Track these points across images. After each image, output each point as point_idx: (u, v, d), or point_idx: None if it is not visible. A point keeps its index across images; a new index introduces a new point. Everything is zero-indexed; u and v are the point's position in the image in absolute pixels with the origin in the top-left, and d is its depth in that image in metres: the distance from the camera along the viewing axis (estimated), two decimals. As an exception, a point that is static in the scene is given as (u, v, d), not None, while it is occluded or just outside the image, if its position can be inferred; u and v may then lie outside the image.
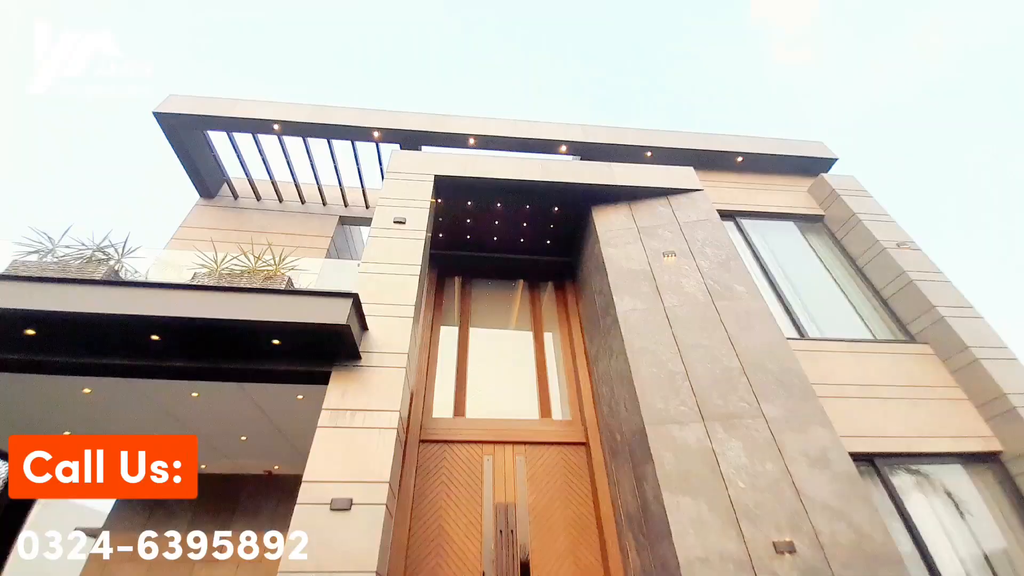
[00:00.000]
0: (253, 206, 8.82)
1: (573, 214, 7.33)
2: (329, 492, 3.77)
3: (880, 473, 4.82)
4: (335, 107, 8.08)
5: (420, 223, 6.09)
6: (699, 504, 4.03)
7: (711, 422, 4.55)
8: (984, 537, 4.68)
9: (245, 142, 8.20)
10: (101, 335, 4.32)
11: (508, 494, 5.50)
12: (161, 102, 7.54)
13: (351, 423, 4.20)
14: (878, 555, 3.75)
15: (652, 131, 8.67)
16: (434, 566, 4.95)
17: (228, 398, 5.40)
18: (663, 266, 6.04)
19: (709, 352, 5.09)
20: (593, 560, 5.16)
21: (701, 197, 6.95)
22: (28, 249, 4.64)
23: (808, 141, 8.85)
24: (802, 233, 7.70)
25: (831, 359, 5.67)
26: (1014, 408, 5.03)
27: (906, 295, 6.34)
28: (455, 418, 6.23)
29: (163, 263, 5.45)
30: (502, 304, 8.03)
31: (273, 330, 4.29)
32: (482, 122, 8.28)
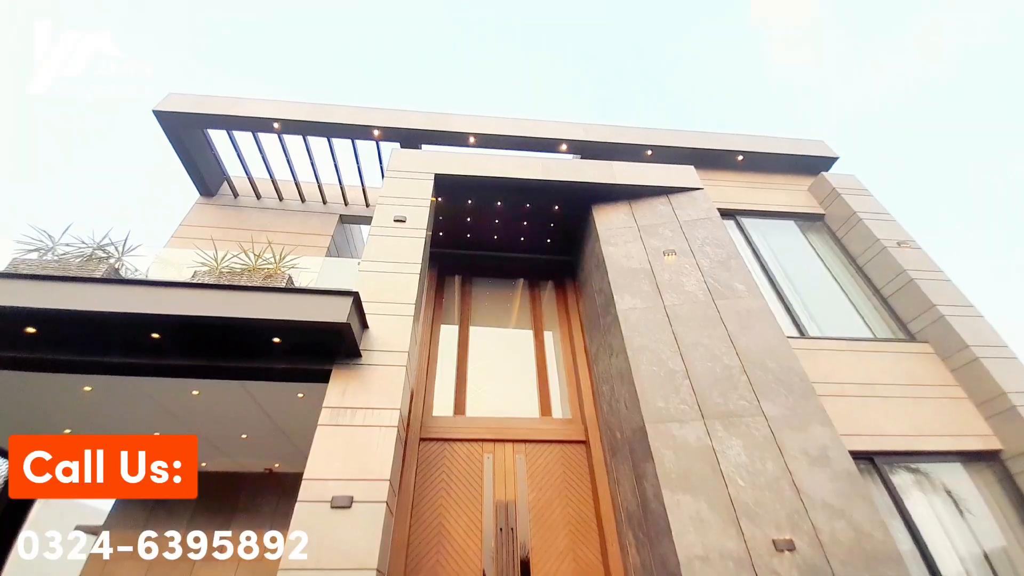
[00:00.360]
0: (253, 204, 8.81)
1: (573, 213, 7.33)
2: (330, 490, 3.77)
3: (880, 472, 4.82)
4: (335, 105, 8.08)
5: (420, 222, 6.09)
6: (699, 502, 4.03)
7: (711, 420, 4.55)
8: (984, 535, 4.68)
9: (245, 140, 8.19)
10: (101, 333, 4.32)
11: (508, 492, 5.51)
12: (161, 100, 7.53)
13: (352, 421, 4.20)
14: (878, 553, 3.75)
15: (653, 130, 8.66)
16: (434, 563, 4.95)
17: (229, 396, 5.40)
18: (663, 265, 6.04)
19: (709, 351, 5.09)
20: (593, 558, 5.16)
21: (701, 196, 6.95)
22: (28, 247, 4.64)
23: (809, 140, 8.85)
24: (802, 232, 7.70)
25: (831, 358, 5.67)
26: (1014, 407, 5.03)
27: (906, 294, 6.34)
28: (455, 416, 6.24)
29: (163, 261, 5.45)
30: (502, 303, 8.03)
31: (273, 328, 4.29)
32: (482, 121, 8.27)
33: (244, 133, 8.02)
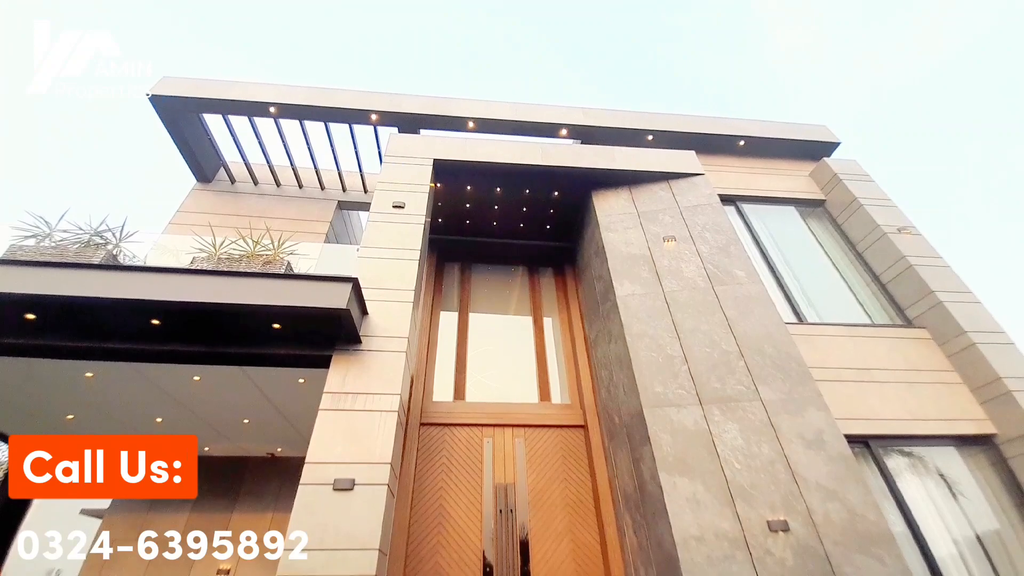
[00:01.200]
0: (250, 191, 8.75)
1: (573, 199, 7.29)
2: (332, 473, 3.82)
3: (874, 455, 4.89)
4: (332, 89, 7.96)
5: (419, 207, 6.05)
6: (695, 484, 4.09)
7: (708, 405, 4.59)
8: (976, 518, 4.77)
9: (241, 125, 8.09)
10: (101, 320, 4.33)
11: (508, 475, 5.58)
12: (155, 84, 7.42)
13: (352, 406, 4.24)
14: (870, 533, 3.82)
15: (654, 114, 8.55)
16: (435, 544, 5.05)
17: (230, 382, 5.43)
18: (663, 251, 6.03)
19: (708, 336, 5.12)
20: (591, 538, 5.26)
21: (702, 181, 6.90)
22: (25, 233, 4.62)
23: (811, 125, 8.75)
24: (803, 218, 7.66)
25: (829, 343, 5.70)
26: (1009, 392, 5.07)
27: (905, 280, 6.34)
28: (455, 401, 6.29)
29: (161, 248, 5.43)
30: (502, 289, 8.03)
31: (273, 314, 4.30)
32: (482, 105, 8.17)
33: (240, 118, 7.92)
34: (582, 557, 5.13)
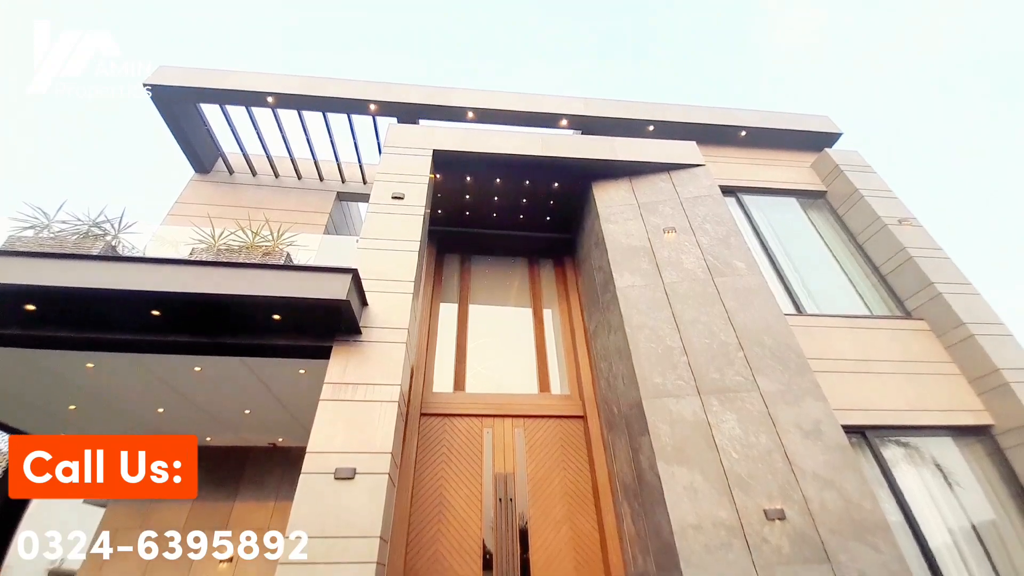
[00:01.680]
0: (249, 182, 8.71)
1: (573, 190, 7.25)
2: (333, 462, 3.85)
3: (871, 445, 4.93)
4: (330, 79, 7.89)
5: (419, 198, 6.03)
6: (693, 474, 4.13)
7: (707, 395, 4.61)
8: (972, 508, 4.82)
9: (239, 116, 8.03)
10: (101, 310, 4.33)
11: (507, 465, 5.63)
12: (152, 73, 7.35)
13: (353, 396, 4.26)
14: (866, 522, 3.87)
15: (655, 104, 8.49)
16: (436, 532, 5.10)
17: (231, 372, 5.45)
18: (663, 242, 6.02)
19: (707, 328, 5.13)
20: (589, 527, 5.32)
21: (703, 172, 6.87)
22: (24, 224, 4.60)
23: (813, 115, 8.70)
24: (803, 209, 7.64)
25: (828, 334, 5.72)
26: (1007, 383, 5.10)
27: (905, 271, 6.34)
28: (455, 392, 6.32)
29: (160, 239, 5.41)
30: (501, 280, 8.03)
31: (273, 305, 4.30)
32: (481, 95, 8.10)
33: (238, 108, 7.86)
34: (581, 545, 5.20)
